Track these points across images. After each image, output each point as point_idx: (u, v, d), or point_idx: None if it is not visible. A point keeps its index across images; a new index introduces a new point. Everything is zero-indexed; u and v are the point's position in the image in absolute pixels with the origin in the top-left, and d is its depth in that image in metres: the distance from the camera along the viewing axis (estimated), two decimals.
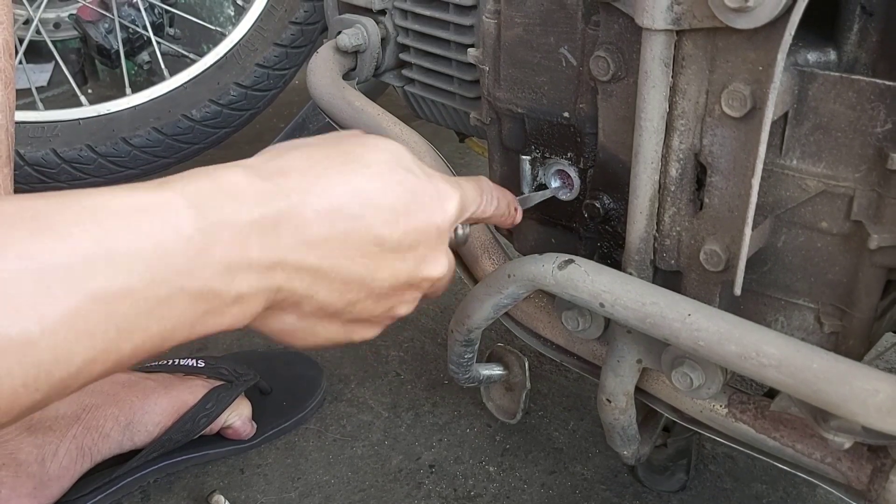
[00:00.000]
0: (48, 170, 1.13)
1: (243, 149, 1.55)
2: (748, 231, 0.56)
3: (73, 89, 1.30)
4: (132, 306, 0.36)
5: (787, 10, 0.49)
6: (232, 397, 0.97)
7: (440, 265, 0.54)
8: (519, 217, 0.67)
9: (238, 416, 0.98)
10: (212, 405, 0.95)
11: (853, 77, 0.53)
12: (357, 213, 0.47)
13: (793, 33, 0.50)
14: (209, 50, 1.27)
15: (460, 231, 0.60)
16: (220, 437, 0.98)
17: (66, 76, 1.34)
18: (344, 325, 0.51)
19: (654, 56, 0.56)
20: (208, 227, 0.40)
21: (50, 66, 2.09)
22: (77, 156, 1.13)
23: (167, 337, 0.39)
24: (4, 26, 0.79)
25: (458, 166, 1.72)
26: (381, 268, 0.49)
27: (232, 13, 1.91)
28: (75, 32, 1.32)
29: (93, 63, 1.40)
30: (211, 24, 1.85)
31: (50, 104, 1.29)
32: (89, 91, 2.09)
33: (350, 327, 0.52)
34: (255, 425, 0.99)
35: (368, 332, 0.54)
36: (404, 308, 0.55)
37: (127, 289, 0.36)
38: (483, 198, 0.60)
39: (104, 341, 0.35)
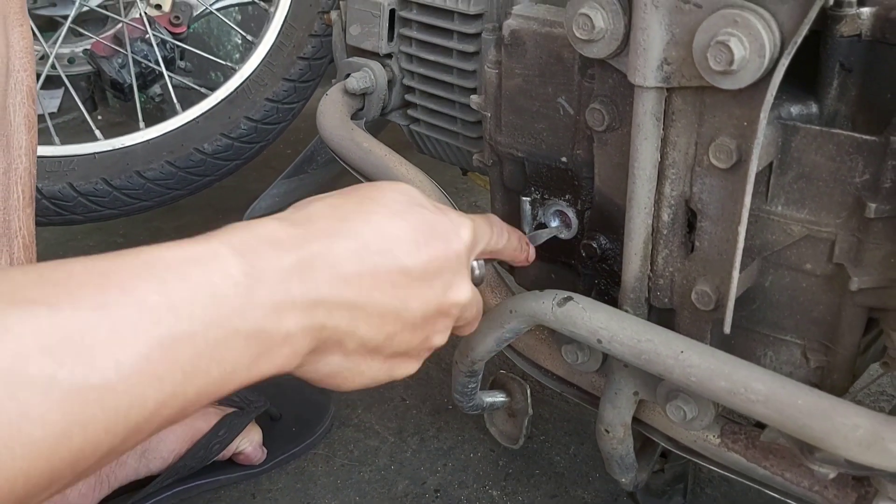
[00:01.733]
0: (65, 203, 1.16)
1: (250, 174, 1.59)
2: (736, 274, 0.60)
3: (84, 115, 1.34)
4: (194, 350, 0.39)
5: (769, 73, 0.53)
6: (243, 424, 1.00)
7: (464, 290, 0.57)
8: (532, 254, 0.70)
9: (249, 443, 1.01)
10: (224, 432, 0.98)
11: (833, 131, 0.57)
12: (383, 248, 0.51)
13: (774, 94, 0.53)
14: (218, 78, 1.31)
15: (477, 270, 0.63)
16: (232, 463, 1.01)
17: (76, 102, 1.38)
18: (386, 362, 0.54)
19: (646, 111, 0.60)
20: (253, 271, 0.43)
21: (60, 93, 2.13)
22: (93, 189, 1.17)
23: (227, 379, 0.42)
24: (28, 73, 0.83)
25: (460, 191, 1.76)
26: (411, 297, 0.53)
27: (239, 41, 1.95)
28: (89, 67, 1.36)
29: (102, 90, 1.44)
30: (219, 55, 1.89)
31: (60, 130, 1.32)
32: (99, 117, 2.13)
33: (391, 363, 0.55)
34: (266, 451, 1.02)
35: (409, 367, 0.57)
36: (438, 338, 0.57)
37: (189, 333, 0.39)
38: (493, 231, 0.64)
39: (172, 384, 0.38)
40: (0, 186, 0.79)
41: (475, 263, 0.63)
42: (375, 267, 0.50)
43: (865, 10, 0.56)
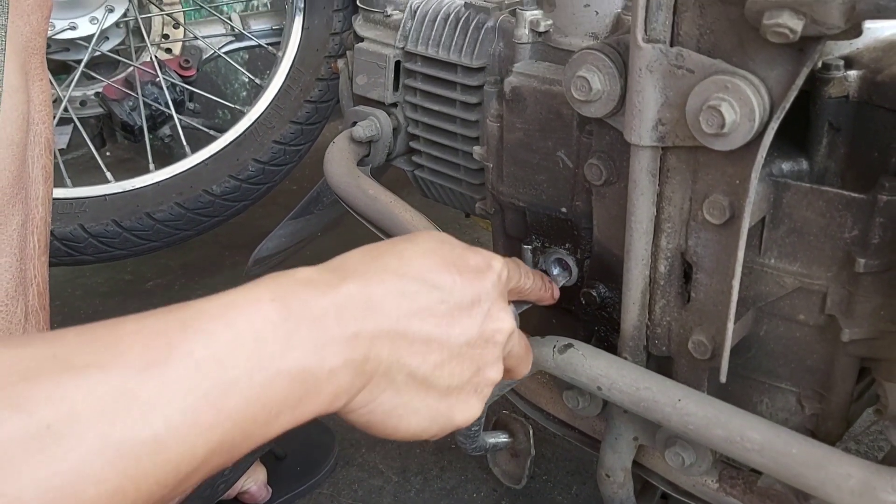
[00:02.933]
0: (76, 244, 1.19)
1: (257, 211, 1.62)
2: (731, 326, 0.62)
3: (92, 152, 1.37)
4: (240, 396, 0.41)
5: (760, 135, 0.55)
6: (249, 463, 1.01)
7: (505, 318, 0.58)
8: (557, 292, 0.72)
9: (254, 482, 1.02)
10: (229, 471, 1.00)
11: (822, 188, 0.59)
12: (418, 278, 0.53)
13: (764, 155, 0.56)
14: (225, 115, 1.34)
15: (513, 312, 0.65)
16: (237, 502, 1.02)
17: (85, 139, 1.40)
18: (442, 399, 0.54)
19: (642, 168, 0.62)
20: (291, 313, 0.45)
21: (69, 129, 2.17)
22: (103, 230, 1.19)
23: (273, 422, 0.44)
24: (46, 125, 0.85)
25: (463, 227, 1.78)
26: (452, 324, 0.54)
27: (246, 80, 1.99)
28: (100, 110, 1.40)
29: (111, 127, 1.48)
30: (227, 93, 1.92)
31: (70, 167, 1.35)
32: (108, 154, 2.16)
33: (449, 402, 0.55)
34: (271, 490, 1.04)
35: (469, 407, 0.57)
36: (492, 371, 0.57)
37: (234, 380, 0.41)
38: (521, 270, 0.66)
39: (220, 433, 0.40)
40: (17, 236, 0.81)
41: (511, 307, 0.65)
42: (413, 297, 0.52)
43: (853, 73, 0.59)
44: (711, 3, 0.55)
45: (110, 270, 1.65)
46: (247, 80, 1.91)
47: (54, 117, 1.36)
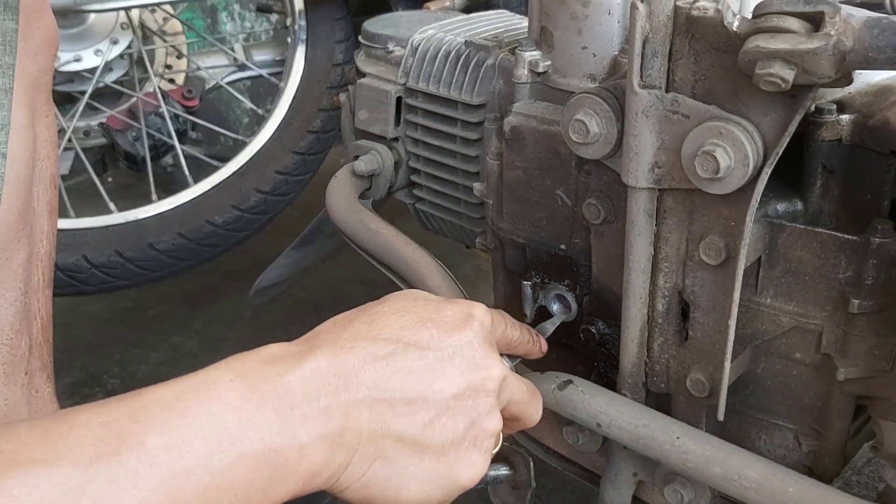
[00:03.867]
0: (78, 274, 1.20)
1: (259, 237, 1.63)
2: (727, 364, 0.63)
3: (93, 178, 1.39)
4: (197, 483, 0.40)
5: (754, 179, 0.56)
6: None
7: (494, 364, 0.56)
8: (545, 345, 0.71)
9: None
10: None
11: (816, 230, 0.60)
12: (391, 338, 0.51)
13: (759, 199, 0.57)
14: (227, 142, 1.36)
15: (506, 363, 0.65)
16: None
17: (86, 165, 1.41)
18: (440, 460, 0.52)
19: (639, 208, 0.63)
20: (253, 393, 0.44)
21: (71, 155, 2.19)
22: (106, 261, 1.20)
23: None
24: (52, 161, 0.87)
25: (464, 254, 1.79)
26: (435, 379, 0.52)
27: (248, 106, 2.01)
28: (104, 140, 1.41)
29: (113, 152, 1.49)
30: (229, 119, 1.94)
31: (71, 193, 1.37)
32: (109, 179, 2.18)
33: (448, 461, 0.52)
34: None
35: (472, 465, 0.54)
36: (488, 421, 0.55)
37: (189, 469, 0.40)
38: (507, 322, 0.66)
39: None
40: (22, 270, 0.82)
41: (506, 362, 0.65)
42: (386, 358, 0.50)
43: (845, 117, 0.60)
44: (705, 51, 0.56)
45: (112, 298, 1.65)
46: (248, 105, 1.93)
47: (59, 146, 1.38)
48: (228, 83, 1.51)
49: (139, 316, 1.62)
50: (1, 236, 0.79)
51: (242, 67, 1.50)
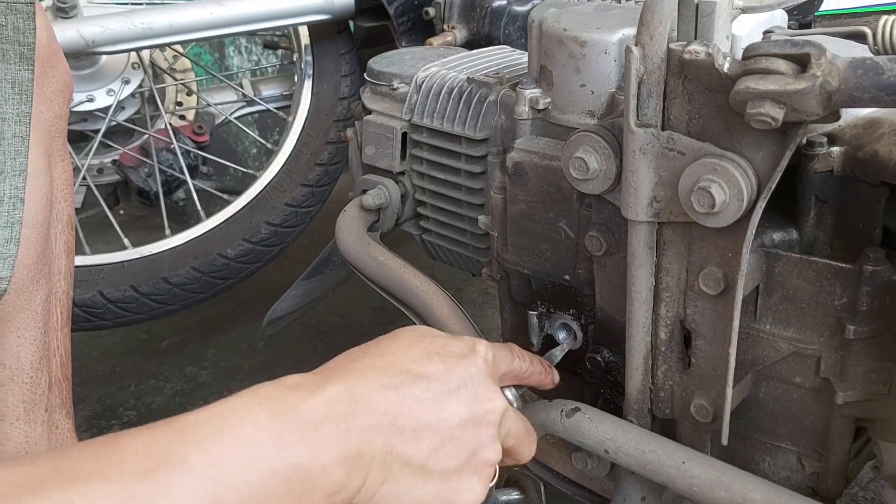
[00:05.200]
0: (95, 310, 1.22)
1: (269, 266, 1.65)
2: (729, 390, 0.64)
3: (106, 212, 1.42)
4: (237, 495, 0.44)
5: (749, 212, 0.58)
6: None
7: (495, 397, 0.60)
8: (556, 376, 0.74)
9: None
10: None
11: (811, 259, 0.62)
12: (401, 370, 0.56)
13: (754, 231, 0.59)
14: (236, 173, 1.39)
15: (512, 400, 0.68)
16: None
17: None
18: (443, 484, 0.56)
19: (640, 241, 0.65)
20: (281, 415, 0.48)
21: (83, 189, 2.22)
22: (122, 296, 1.23)
23: None
24: (68, 203, 0.89)
25: (471, 279, 1.81)
26: (440, 409, 0.56)
27: (257, 135, 2.04)
28: (117, 177, 1.44)
29: (125, 186, 1.52)
30: (237, 151, 1.97)
31: (84, 226, 1.39)
32: (121, 212, 2.21)
33: (449, 485, 0.57)
34: None
35: (471, 489, 0.58)
36: (488, 451, 0.59)
37: (229, 482, 0.44)
38: (514, 355, 0.69)
39: None
40: (41, 310, 0.85)
41: (509, 394, 0.68)
42: (397, 388, 0.55)
43: (835, 150, 0.62)
44: (698, 90, 0.59)
45: (126, 330, 1.68)
46: (257, 135, 1.96)
47: (74, 185, 1.41)
48: (237, 118, 1.54)
49: (153, 347, 1.65)
50: (20, 278, 0.81)
51: (251, 102, 1.54)
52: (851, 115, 0.64)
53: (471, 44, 1.24)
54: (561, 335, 0.80)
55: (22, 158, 0.75)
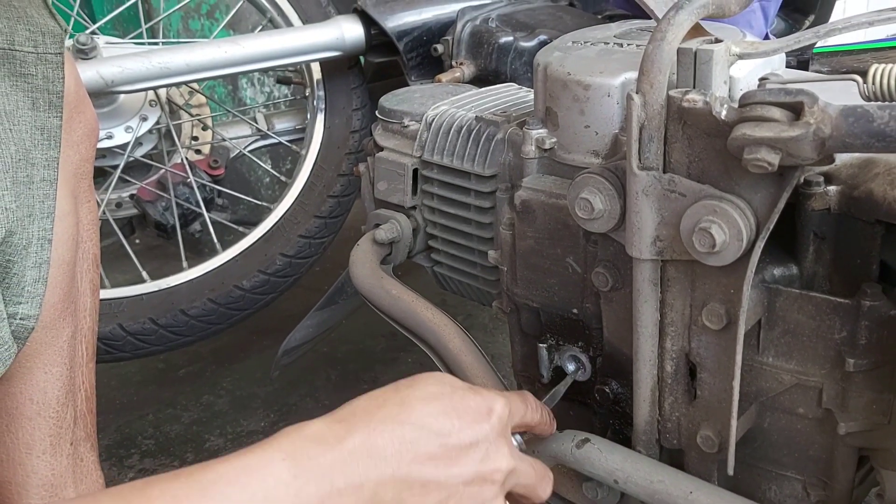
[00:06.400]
0: (115, 342, 1.25)
1: (283, 294, 1.68)
2: (734, 422, 0.67)
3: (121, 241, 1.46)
4: None
5: (749, 251, 0.61)
6: None
7: (503, 458, 0.63)
8: (554, 425, 0.77)
9: None
10: None
11: (811, 294, 0.65)
12: (418, 424, 0.58)
13: (754, 269, 0.61)
14: (249, 204, 1.42)
15: (516, 441, 0.70)
16: None
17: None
18: None
19: (644, 278, 0.67)
20: (301, 471, 0.51)
21: (101, 222, 2.26)
22: (141, 328, 1.26)
23: None
24: (94, 242, 0.92)
25: (478, 306, 1.83)
26: (450, 466, 0.59)
27: (270, 165, 2.08)
28: (135, 211, 1.48)
29: (143, 218, 1.56)
30: (251, 180, 2.01)
31: (101, 255, 1.42)
32: (136, 241, 2.25)
33: None
34: None
35: None
36: None
37: None
38: (528, 407, 0.72)
39: None
40: (67, 347, 0.88)
41: (515, 440, 0.70)
42: (412, 443, 0.57)
43: (832, 188, 0.64)
44: (697, 136, 0.61)
45: (143, 359, 1.71)
46: (270, 165, 1.99)
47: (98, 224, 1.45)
48: (251, 151, 1.58)
49: (170, 376, 1.68)
50: (47, 315, 0.84)
51: (264, 136, 1.57)
52: (847, 154, 0.67)
53: (478, 79, 1.27)
54: (570, 367, 0.83)
55: (50, 201, 0.78)
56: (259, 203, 1.52)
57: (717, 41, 0.65)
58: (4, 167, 0.72)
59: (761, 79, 0.67)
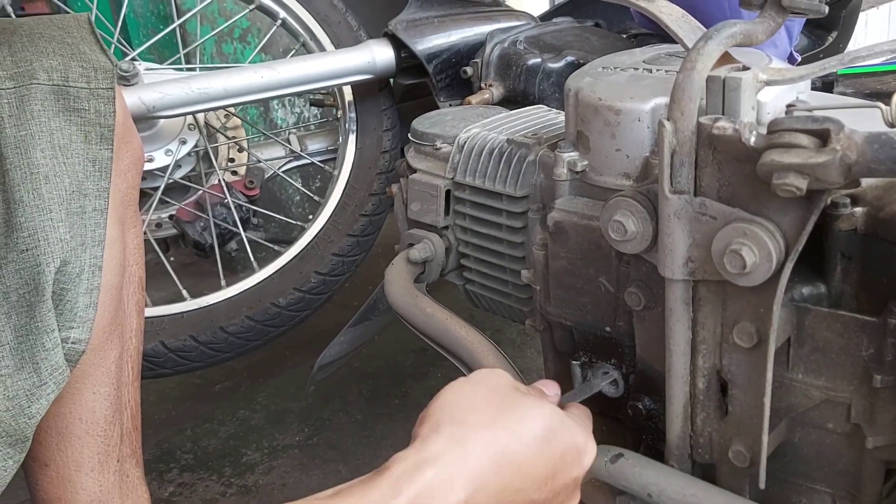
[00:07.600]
0: (156, 359, 1.29)
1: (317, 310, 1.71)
2: (765, 437, 0.68)
3: (159, 256, 1.50)
4: None
5: (778, 272, 0.63)
6: None
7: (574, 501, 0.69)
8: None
9: None
10: None
11: (839, 312, 0.66)
12: (518, 486, 0.63)
13: (784, 289, 0.63)
14: (281, 222, 1.45)
15: None
16: None
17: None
18: None
19: (677, 298, 0.70)
20: None
21: None
22: (182, 345, 1.30)
23: None
24: (139, 266, 0.96)
25: (508, 322, 1.85)
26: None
27: (298, 184, 2.11)
28: (174, 230, 1.52)
29: (181, 238, 1.61)
30: (282, 198, 2.05)
31: None
32: (171, 259, 2.30)
33: None
34: None
35: None
36: None
37: None
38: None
39: None
40: (114, 367, 0.91)
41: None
42: (515, 493, 0.62)
43: (858, 210, 0.66)
44: (727, 160, 0.63)
45: (181, 375, 1.75)
46: (300, 187, 2.03)
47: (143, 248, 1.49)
48: (284, 171, 1.62)
49: (207, 391, 1.71)
50: (96, 338, 0.87)
51: (297, 157, 1.61)
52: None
53: (507, 100, 1.30)
54: (603, 384, 0.85)
55: (101, 230, 0.82)
56: (292, 221, 1.56)
57: (745, 68, 0.68)
58: (59, 199, 0.75)
59: (789, 105, 0.69)
